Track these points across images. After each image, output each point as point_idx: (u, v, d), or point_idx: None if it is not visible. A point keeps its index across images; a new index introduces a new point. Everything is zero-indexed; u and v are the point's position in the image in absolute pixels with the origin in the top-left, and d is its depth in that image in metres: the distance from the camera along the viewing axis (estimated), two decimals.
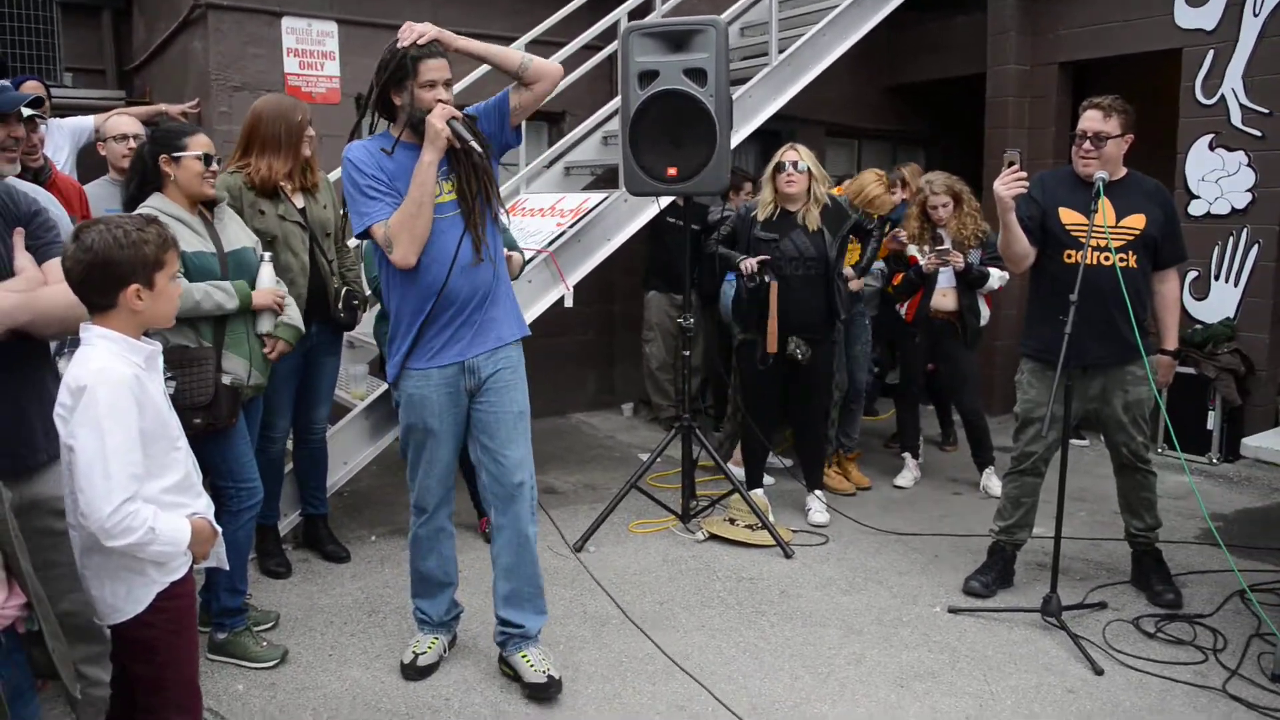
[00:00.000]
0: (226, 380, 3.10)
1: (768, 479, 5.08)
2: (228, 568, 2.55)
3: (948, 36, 7.64)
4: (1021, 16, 6.84)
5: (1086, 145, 3.63)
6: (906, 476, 5.39)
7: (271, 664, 3.26)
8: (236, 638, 3.29)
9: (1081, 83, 6.88)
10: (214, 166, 3.18)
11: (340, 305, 3.95)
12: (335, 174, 4.80)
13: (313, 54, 5.94)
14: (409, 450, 3.12)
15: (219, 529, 2.27)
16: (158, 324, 2.17)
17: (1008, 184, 3.47)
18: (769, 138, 6.80)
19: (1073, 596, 3.77)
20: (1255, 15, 5.74)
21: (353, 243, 4.20)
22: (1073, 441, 4.52)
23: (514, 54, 2.99)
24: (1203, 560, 4.22)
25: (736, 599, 3.85)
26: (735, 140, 5.06)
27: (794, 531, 4.55)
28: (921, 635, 3.54)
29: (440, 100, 2.84)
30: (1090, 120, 3.62)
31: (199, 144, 3.14)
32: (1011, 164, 3.48)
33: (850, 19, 5.98)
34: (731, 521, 4.48)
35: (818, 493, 4.79)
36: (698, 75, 4.07)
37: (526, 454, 3.11)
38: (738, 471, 4.94)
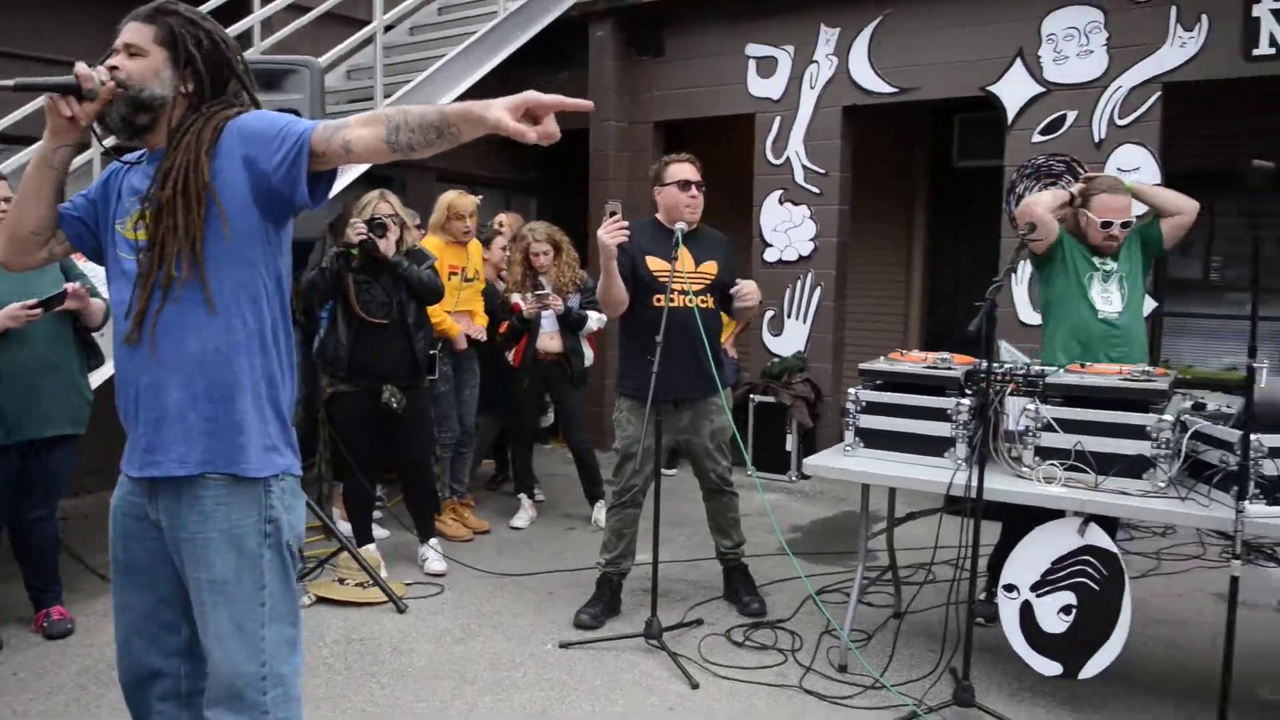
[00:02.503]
0: None
1: (381, 532, 4.92)
2: None
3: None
4: (620, 77, 7.33)
5: (693, 191, 3.97)
6: (523, 517, 5.47)
7: None
8: None
9: (676, 140, 7.50)
10: None
11: None
12: None
13: None
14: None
15: None
16: None
17: (611, 232, 3.68)
18: (381, 183, 6.67)
19: (673, 617, 4.00)
20: (811, 88, 6.59)
21: None
22: (665, 471, 4.82)
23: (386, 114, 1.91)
24: (784, 570, 4.67)
25: (345, 663, 3.65)
26: (341, 184, 4.89)
27: (409, 584, 4.42)
28: (534, 674, 3.57)
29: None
30: (692, 171, 4.00)
31: None
32: (613, 214, 3.70)
33: (456, 69, 6.05)
34: (341, 581, 4.25)
35: (433, 541, 4.69)
36: None
37: (240, 648, 1.96)
38: (345, 528, 4.72)
